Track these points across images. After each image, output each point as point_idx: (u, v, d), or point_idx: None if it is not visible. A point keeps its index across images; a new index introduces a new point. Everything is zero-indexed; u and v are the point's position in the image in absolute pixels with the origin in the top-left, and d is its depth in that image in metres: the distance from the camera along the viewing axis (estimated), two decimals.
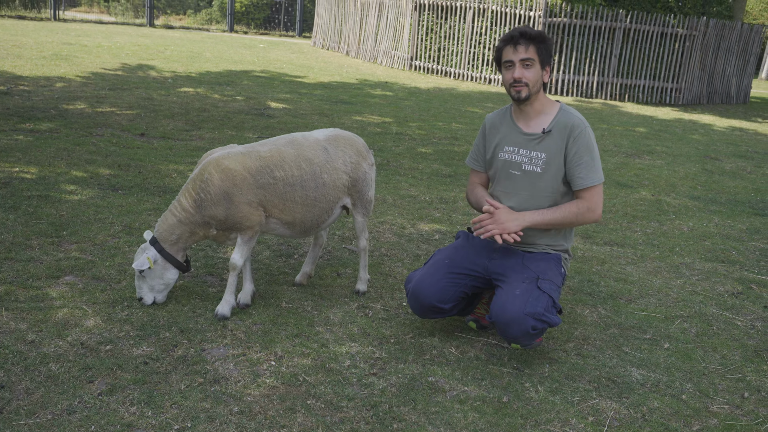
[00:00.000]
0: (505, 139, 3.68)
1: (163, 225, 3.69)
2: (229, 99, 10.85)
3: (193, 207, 3.63)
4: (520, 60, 3.47)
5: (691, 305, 4.40)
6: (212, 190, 3.59)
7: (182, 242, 3.70)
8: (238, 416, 2.85)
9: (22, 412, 2.77)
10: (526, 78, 3.47)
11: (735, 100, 18.58)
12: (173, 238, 3.68)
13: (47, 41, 15.98)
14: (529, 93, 3.51)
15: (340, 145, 3.97)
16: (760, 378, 3.53)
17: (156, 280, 3.70)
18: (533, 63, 3.47)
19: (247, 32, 28.21)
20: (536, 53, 3.47)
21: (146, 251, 3.66)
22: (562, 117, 3.57)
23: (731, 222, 6.51)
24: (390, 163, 7.62)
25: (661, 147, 10.42)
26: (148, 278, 3.68)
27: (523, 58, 3.46)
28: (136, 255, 3.68)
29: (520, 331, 3.29)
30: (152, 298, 3.74)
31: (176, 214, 3.67)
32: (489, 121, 3.80)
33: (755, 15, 37.90)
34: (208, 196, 3.59)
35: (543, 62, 3.51)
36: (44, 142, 7.04)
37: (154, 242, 3.68)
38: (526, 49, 3.46)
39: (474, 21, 16.18)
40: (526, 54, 3.46)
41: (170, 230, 3.67)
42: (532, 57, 3.46)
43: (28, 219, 4.84)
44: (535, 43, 3.47)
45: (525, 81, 3.48)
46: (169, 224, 3.68)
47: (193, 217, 3.64)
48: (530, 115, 3.61)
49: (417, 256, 4.89)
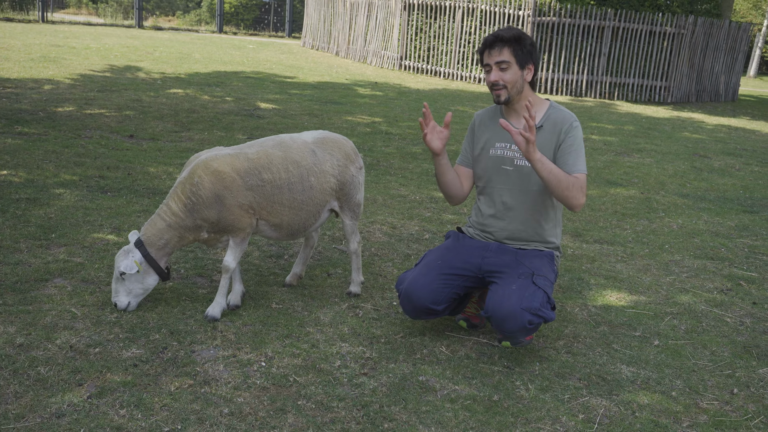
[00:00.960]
0: (495, 136, 3.69)
1: (151, 229, 3.62)
2: (219, 100, 10.82)
3: (183, 211, 3.58)
4: (496, 63, 3.52)
5: (680, 302, 4.42)
6: (203, 194, 3.55)
7: (169, 247, 3.65)
8: (229, 418, 2.84)
9: (10, 416, 2.75)
10: (503, 80, 3.52)
11: (723, 97, 18.69)
12: (161, 243, 3.61)
13: (35, 43, 15.90)
14: (509, 95, 3.55)
15: (328, 147, 3.95)
16: (749, 374, 3.55)
17: (136, 284, 3.62)
18: (509, 65, 3.50)
19: (236, 33, 28.16)
20: (512, 54, 3.50)
21: (131, 253, 3.58)
22: (553, 113, 3.60)
23: (720, 219, 6.54)
24: (380, 163, 7.62)
25: (651, 145, 10.46)
26: (127, 281, 3.59)
27: (498, 60, 3.51)
28: (118, 256, 3.59)
29: (517, 326, 3.30)
30: (127, 302, 3.63)
31: (165, 219, 3.61)
32: (478, 118, 3.82)
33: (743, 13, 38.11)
34: (199, 199, 3.56)
35: (521, 62, 3.53)
36: (32, 144, 7.00)
37: (139, 245, 3.60)
38: (500, 52, 3.50)
39: (463, 20, 16.20)
40: (501, 57, 3.50)
41: (159, 235, 3.61)
42: (507, 59, 3.49)
43: (16, 222, 4.82)
44: (510, 45, 3.49)
45: (502, 83, 3.52)
46: (158, 229, 3.61)
47: (183, 222, 3.60)
48: (519, 113, 3.62)
49: (407, 256, 4.89)
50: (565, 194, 3.43)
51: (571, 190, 3.42)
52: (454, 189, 3.77)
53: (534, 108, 3.61)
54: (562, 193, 3.43)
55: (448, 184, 3.74)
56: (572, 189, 3.42)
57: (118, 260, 3.57)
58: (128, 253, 3.58)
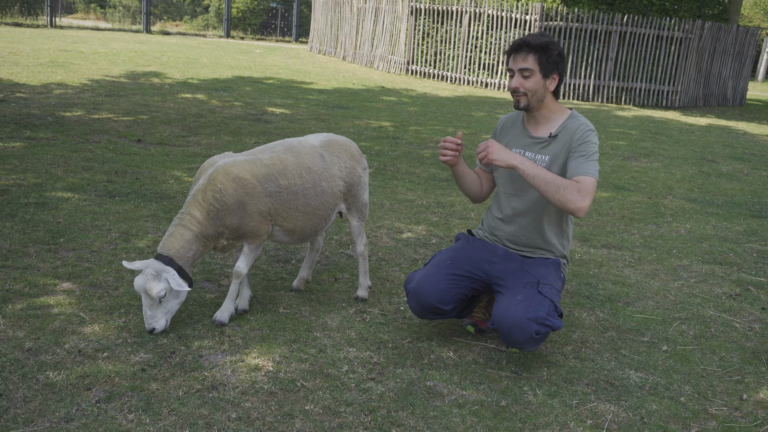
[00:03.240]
0: (513, 141, 3.69)
1: (178, 242, 3.47)
2: (226, 105, 10.85)
3: (206, 218, 3.50)
4: (519, 70, 3.48)
5: (688, 307, 4.41)
6: (227, 200, 3.51)
7: (195, 257, 3.54)
8: (236, 422, 2.85)
9: (19, 420, 2.76)
10: (524, 88, 3.47)
11: (731, 102, 18.62)
12: (190, 254, 3.49)
13: (44, 48, 15.98)
14: (528, 103, 3.51)
15: (335, 151, 3.97)
16: (758, 380, 3.53)
17: (173, 302, 3.47)
18: (533, 73, 3.46)
19: (243, 38, 28.24)
20: (536, 62, 3.45)
21: (164, 273, 3.37)
22: (570, 122, 3.56)
23: (728, 224, 6.52)
24: (387, 168, 7.62)
25: (658, 149, 10.43)
26: (165, 303, 3.43)
27: (521, 68, 3.47)
28: (146, 282, 3.35)
29: (524, 337, 3.29)
30: (165, 322, 3.48)
31: (192, 229, 3.49)
32: (502, 122, 3.84)
33: (750, 17, 38.01)
34: (223, 206, 3.51)
35: (546, 71, 3.47)
36: (41, 149, 7.03)
37: (169, 261, 3.42)
38: (524, 59, 3.46)
39: (470, 25, 16.21)
40: (525, 64, 3.46)
41: (188, 246, 3.47)
42: (530, 67, 3.45)
43: (24, 226, 4.84)
44: (536, 53, 3.44)
45: (523, 90, 3.48)
46: (186, 240, 3.47)
47: (207, 230, 3.52)
48: (539, 121, 3.62)
49: (414, 260, 4.88)
50: (562, 198, 3.30)
51: (566, 194, 3.29)
52: (475, 191, 3.84)
53: (553, 116, 3.59)
54: (554, 197, 3.32)
55: (468, 186, 3.82)
56: (568, 192, 3.29)
57: (149, 287, 3.35)
58: (161, 273, 3.37)
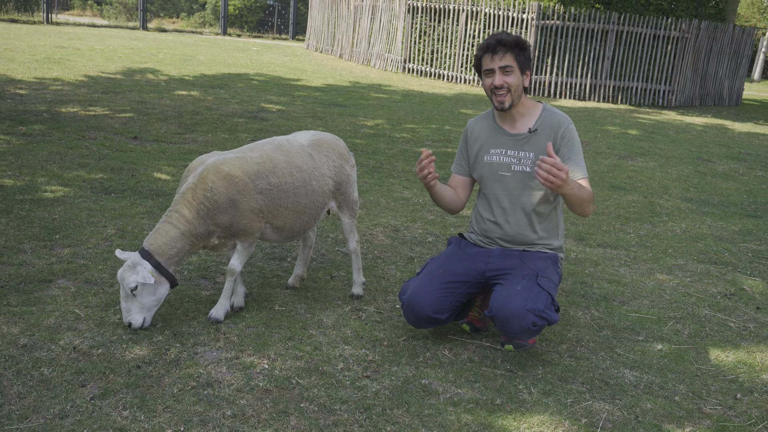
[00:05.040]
0: (489, 142, 3.70)
1: (162, 238, 3.44)
2: (223, 102, 10.84)
3: (196, 217, 3.49)
4: (500, 67, 3.51)
5: (683, 307, 4.42)
6: (218, 198, 3.49)
7: (180, 255, 3.52)
8: (231, 420, 2.85)
9: (14, 416, 2.76)
10: (507, 83, 3.51)
11: (727, 102, 18.66)
12: (173, 252, 3.47)
13: (40, 44, 15.93)
14: (512, 100, 3.56)
15: (324, 149, 3.97)
16: (752, 379, 3.54)
17: (148, 298, 3.43)
18: (513, 69, 3.51)
19: (240, 35, 28.18)
20: (515, 60, 3.51)
21: (139, 265, 3.36)
22: (547, 116, 3.64)
23: (724, 224, 6.53)
24: (383, 166, 7.62)
25: (654, 149, 10.45)
26: (139, 297, 3.39)
27: (501, 65, 3.50)
28: (122, 274, 3.36)
29: (521, 327, 3.30)
30: (142, 318, 3.44)
31: (179, 227, 3.47)
32: (470, 126, 3.84)
33: (747, 17, 38.08)
34: (214, 204, 3.49)
35: (522, 68, 3.55)
36: (37, 145, 7.02)
37: (147, 255, 3.41)
38: (503, 57, 3.50)
39: (467, 23, 16.20)
40: (504, 61, 3.50)
41: (171, 244, 3.45)
42: (510, 64, 3.50)
43: (20, 222, 4.83)
44: (513, 50, 3.50)
45: (507, 86, 3.51)
46: (171, 237, 3.45)
47: (196, 229, 3.50)
48: (515, 118, 3.66)
49: (410, 259, 4.89)
50: (587, 211, 3.52)
51: (589, 205, 3.49)
52: (454, 203, 3.83)
53: (528, 111, 3.66)
54: (584, 205, 3.48)
55: (446, 201, 3.79)
56: (590, 203, 3.49)
57: (124, 277, 3.36)
58: (135, 266, 3.37)
